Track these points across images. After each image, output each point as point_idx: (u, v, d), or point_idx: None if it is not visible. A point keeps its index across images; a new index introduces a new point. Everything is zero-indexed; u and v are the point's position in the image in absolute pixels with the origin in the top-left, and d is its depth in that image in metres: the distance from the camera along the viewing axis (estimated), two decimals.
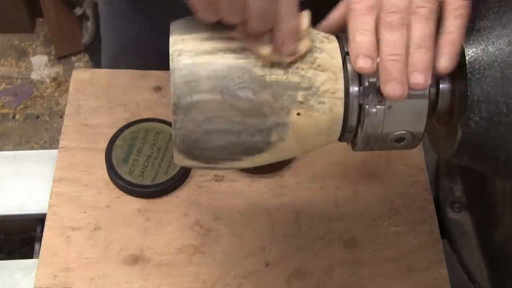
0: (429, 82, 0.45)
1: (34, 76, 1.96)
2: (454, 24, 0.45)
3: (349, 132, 0.49)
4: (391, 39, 0.45)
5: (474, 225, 0.74)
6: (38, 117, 1.87)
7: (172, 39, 0.45)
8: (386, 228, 0.74)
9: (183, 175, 0.76)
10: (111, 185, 0.75)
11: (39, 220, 0.80)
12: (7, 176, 0.81)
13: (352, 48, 0.46)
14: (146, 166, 0.75)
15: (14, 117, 1.86)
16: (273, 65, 0.45)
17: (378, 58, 0.45)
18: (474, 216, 0.74)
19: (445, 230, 0.75)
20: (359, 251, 0.73)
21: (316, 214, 0.75)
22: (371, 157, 0.79)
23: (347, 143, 0.51)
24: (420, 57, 0.45)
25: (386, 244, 0.73)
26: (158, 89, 0.84)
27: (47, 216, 0.73)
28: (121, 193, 0.75)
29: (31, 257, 0.77)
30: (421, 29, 0.45)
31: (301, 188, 0.77)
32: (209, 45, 0.45)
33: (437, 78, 0.48)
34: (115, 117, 0.81)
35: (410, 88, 0.45)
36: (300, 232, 0.74)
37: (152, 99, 0.83)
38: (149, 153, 0.76)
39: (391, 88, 0.44)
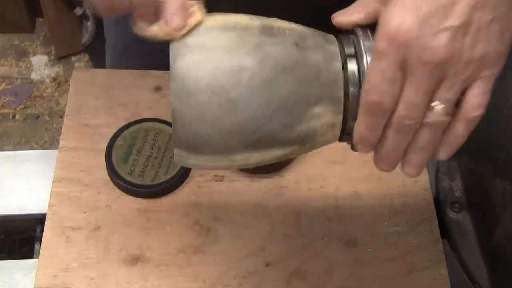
0: (418, 175, 0.48)
1: (34, 76, 1.96)
2: (464, 130, 0.45)
3: (348, 133, 0.49)
4: (395, 142, 0.46)
5: (474, 225, 0.74)
6: (38, 117, 1.87)
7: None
8: (386, 228, 0.74)
9: (183, 175, 0.76)
10: (111, 185, 0.75)
11: (39, 220, 0.80)
12: (7, 176, 0.81)
13: (356, 136, 0.47)
14: (146, 166, 0.75)
15: (14, 117, 1.86)
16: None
17: None
18: (474, 216, 0.74)
19: (445, 230, 0.75)
20: (359, 251, 0.73)
21: (316, 214, 0.75)
22: (371, 157, 0.79)
23: (347, 143, 0.51)
24: (417, 158, 0.46)
25: (386, 244, 0.73)
26: (158, 89, 0.84)
27: (47, 216, 0.73)
28: (121, 193, 0.75)
29: (31, 257, 0.77)
30: (428, 139, 0.45)
31: (301, 188, 0.77)
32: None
33: None
34: (115, 117, 0.81)
35: None
36: (300, 232, 0.74)
37: (152, 99, 0.83)
38: (149, 153, 0.76)
39: (381, 168, 0.48)
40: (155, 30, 0.47)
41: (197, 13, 0.47)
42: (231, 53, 0.45)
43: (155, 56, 0.78)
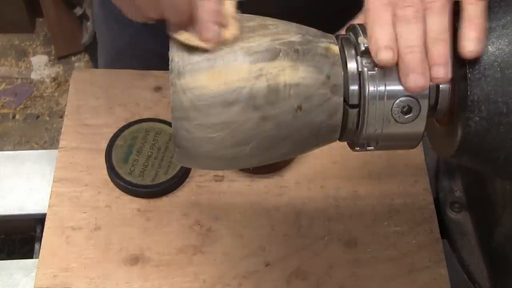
0: (449, 75, 0.45)
1: (34, 76, 1.96)
2: (476, 9, 0.44)
3: (348, 133, 0.49)
4: (408, 32, 0.44)
5: (474, 225, 0.74)
6: (38, 117, 1.87)
7: None
8: (386, 228, 0.74)
9: (183, 175, 0.76)
10: (111, 185, 0.75)
11: (39, 220, 0.80)
12: (7, 176, 0.81)
13: (372, 43, 0.45)
14: (146, 166, 0.75)
15: (14, 117, 1.86)
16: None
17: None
18: (474, 216, 0.74)
19: (445, 230, 0.75)
20: (359, 251, 0.73)
21: (316, 214, 0.75)
22: (371, 157, 0.79)
23: (347, 143, 0.51)
24: (438, 51, 0.44)
25: (386, 244, 0.73)
26: (158, 89, 0.84)
27: (47, 216, 0.73)
28: (121, 193, 0.75)
29: (31, 257, 0.77)
30: (436, 22, 0.44)
31: (301, 188, 0.77)
32: None
33: None
34: (115, 117, 0.81)
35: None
36: (300, 232, 0.74)
37: (152, 99, 0.83)
38: (149, 153, 0.76)
39: (413, 79, 0.44)
40: (188, 36, 0.45)
41: (232, 25, 0.45)
42: (234, 132, 0.45)
43: (149, 59, 0.77)
